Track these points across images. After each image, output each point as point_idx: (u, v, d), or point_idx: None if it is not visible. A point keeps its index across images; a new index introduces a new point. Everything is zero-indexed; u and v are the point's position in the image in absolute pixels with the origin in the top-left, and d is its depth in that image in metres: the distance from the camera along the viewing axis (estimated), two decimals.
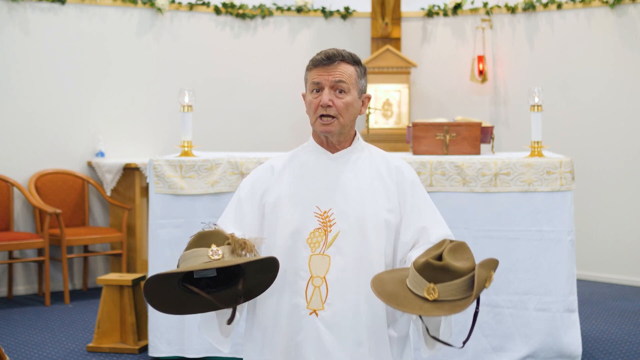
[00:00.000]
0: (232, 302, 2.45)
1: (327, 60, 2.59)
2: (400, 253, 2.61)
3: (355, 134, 2.71)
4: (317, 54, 2.63)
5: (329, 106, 2.58)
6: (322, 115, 2.59)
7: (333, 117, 2.59)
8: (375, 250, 2.57)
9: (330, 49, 2.63)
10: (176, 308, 2.47)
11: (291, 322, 2.55)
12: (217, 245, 2.39)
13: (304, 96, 2.71)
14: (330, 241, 2.56)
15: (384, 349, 2.55)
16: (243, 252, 2.44)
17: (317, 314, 2.53)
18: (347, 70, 2.60)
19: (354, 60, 2.64)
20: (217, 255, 2.37)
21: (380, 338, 2.55)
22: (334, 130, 2.60)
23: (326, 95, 2.58)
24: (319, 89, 2.60)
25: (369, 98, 2.70)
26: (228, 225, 2.65)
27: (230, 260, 2.37)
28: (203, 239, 2.41)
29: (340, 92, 2.59)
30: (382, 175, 2.65)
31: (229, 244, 2.42)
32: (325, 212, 2.59)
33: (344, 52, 2.63)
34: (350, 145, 2.68)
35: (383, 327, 2.55)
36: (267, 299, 2.59)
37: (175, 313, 2.50)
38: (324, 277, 2.54)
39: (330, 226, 2.57)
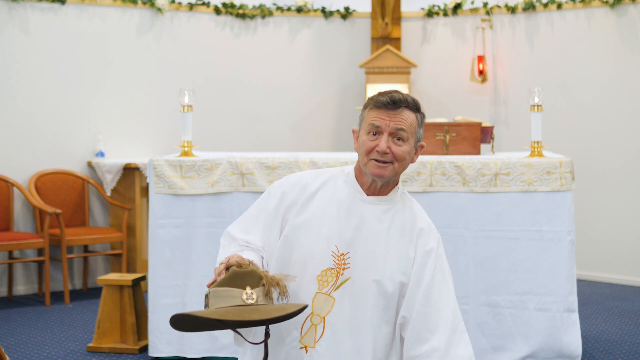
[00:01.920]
0: (261, 341, 2.44)
1: (392, 105, 2.51)
2: (402, 315, 2.56)
3: (398, 183, 2.63)
4: (381, 95, 2.54)
5: (386, 153, 2.50)
6: (376, 159, 2.52)
7: (389, 162, 2.52)
8: (375, 307, 2.52)
9: (395, 93, 2.53)
10: (197, 328, 2.45)
11: (281, 350, 2.54)
12: (252, 287, 2.35)
13: (355, 132, 2.62)
14: (339, 284, 2.52)
15: None
16: (275, 291, 2.40)
17: (307, 350, 2.51)
18: (409, 119, 2.52)
19: (417, 108, 2.55)
20: (251, 300, 2.33)
21: None
22: (387, 175, 2.53)
23: (384, 142, 2.50)
24: (377, 132, 2.52)
25: (422, 147, 2.62)
26: (256, 237, 2.61)
27: (265, 312, 2.32)
28: (238, 279, 2.36)
29: (399, 139, 2.52)
30: (405, 235, 2.58)
31: (263, 284, 2.37)
32: (342, 255, 2.53)
33: (409, 97, 2.54)
34: (388, 193, 2.60)
35: None
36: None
37: (196, 331, 2.48)
38: (324, 318, 2.52)
39: (343, 269, 2.53)
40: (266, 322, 2.31)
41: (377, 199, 2.59)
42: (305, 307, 2.38)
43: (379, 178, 2.53)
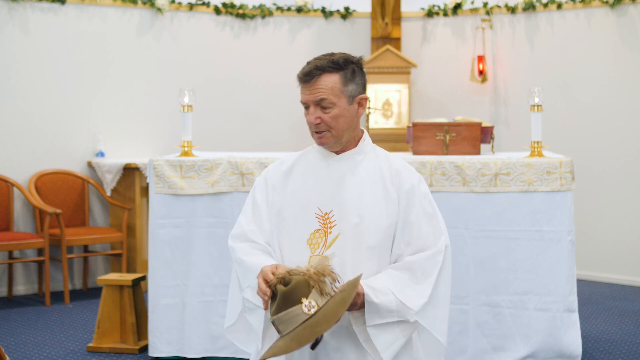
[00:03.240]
0: (313, 345, 2.48)
1: (307, 77, 2.57)
2: (394, 256, 2.62)
3: (362, 134, 2.70)
4: (303, 67, 2.61)
5: (318, 124, 2.58)
6: (315, 131, 2.62)
7: (325, 130, 2.60)
8: (371, 253, 2.57)
9: (310, 63, 2.59)
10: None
11: None
12: (306, 296, 2.36)
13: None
14: (330, 243, 2.57)
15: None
16: (327, 281, 2.41)
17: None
18: (327, 84, 2.56)
19: (338, 66, 2.58)
20: (313, 309, 2.35)
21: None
22: (328, 142, 2.62)
23: (312, 115, 2.59)
24: (306, 106, 2.61)
25: (365, 99, 2.66)
26: (256, 234, 2.66)
27: (332, 314, 2.34)
28: (290, 297, 2.37)
29: (324, 107, 2.58)
30: (384, 179, 2.64)
31: (313, 286, 2.38)
32: (326, 214, 2.60)
33: (324, 62, 2.56)
34: (355, 146, 2.68)
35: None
36: None
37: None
38: None
39: (331, 228, 2.59)
40: (335, 321, 2.36)
41: (347, 154, 2.67)
42: (359, 279, 2.41)
43: (324, 146, 2.64)
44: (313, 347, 2.48)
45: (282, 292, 2.37)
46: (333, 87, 2.57)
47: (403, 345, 2.54)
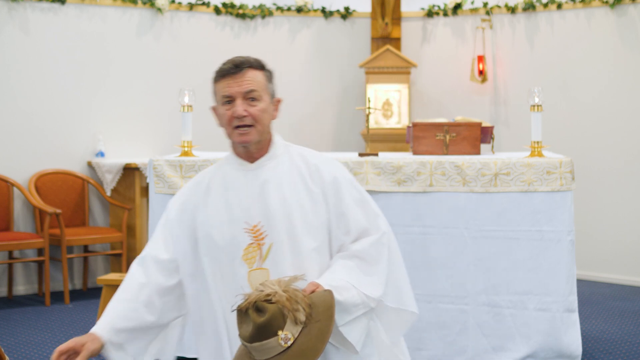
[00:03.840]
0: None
1: (235, 68, 2.55)
2: (336, 248, 2.60)
3: (272, 138, 2.65)
4: (223, 64, 2.58)
5: (244, 116, 2.53)
6: (238, 126, 2.55)
7: (250, 125, 2.54)
8: (309, 255, 2.54)
9: (236, 57, 2.57)
10: None
11: (236, 344, 2.51)
12: (281, 328, 2.32)
13: (213, 109, 2.66)
14: (265, 254, 2.54)
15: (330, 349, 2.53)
16: (301, 309, 2.36)
17: None
18: (256, 77, 2.56)
19: (262, 66, 2.59)
20: (289, 341, 2.31)
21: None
22: (252, 139, 2.56)
23: (240, 106, 2.53)
24: (230, 100, 2.56)
25: (279, 101, 2.66)
26: (160, 250, 2.63)
27: (311, 350, 2.31)
28: (264, 330, 2.32)
29: (253, 99, 2.55)
30: (304, 178, 2.60)
31: (286, 315, 2.33)
32: (255, 226, 2.55)
33: (251, 58, 2.58)
34: (267, 151, 2.63)
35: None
36: (210, 324, 2.58)
37: None
38: None
39: (263, 239, 2.54)
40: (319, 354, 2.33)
41: (261, 161, 2.62)
42: (333, 307, 2.37)
43: (247, 144, 2.57)
44: None
45: (257, 324, 2.32)
46: (260, 82, 2.57)
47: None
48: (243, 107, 2.54)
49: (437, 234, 4.40)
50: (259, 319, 2.31)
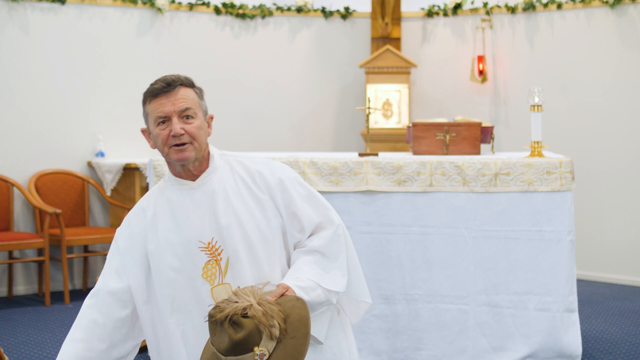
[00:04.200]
0: None
1: (167, 87, 2.53)
2: (292, 247, 2.62)
3: (209, 152, 2.63)
4: (153, 84, 2.56)
5: (182, 134, 2.51)
6: (174, 145, 2.53)
7: (187, 143, 2.53)
8: (268, 262, 2.54)
9: (166, 76, 2.56)
10: None
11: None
12: (257, 345, 2.31)
13: (144, 132, 2.63)
14: (225, 269, 2.53)
15: None
16: (275, 324, 2.35)
17: None
18: (189, 95, 2.56)
19: (192, 83, 2.59)
20: (264, 357, 2.30)
21: None
22: (190, 156, 2.54)
23: (176, 125, 2.51)
24: (165, 120, 2.53)
25: (212, 117, 2.66)
26: (113, 281, 2.60)
27: None
28: (241, 346, 2.31)
29: (188, 118, 2.53)
30: (248, 186, 2.60)
31: (262, 332, 2.32)
32: (209, 243, 2.54)
33: (181, 76, 2.57)
34: (208, 166, 2.61)
35: None
36: (166, 348, 2.57)
37: None
38: None
39: (219, 254, 2.53)
40: None
41: (202, 177, 2.60)
42: (309, 324, 2.36)
43: (185, 161, 2.55)
44: None
45: (234, 340, 2.30)
46: (193, 99, 2.57)
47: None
48: (180, 126, 2.52)
49: (437, 234, 4.40)
50: (236, 335, 2.30)
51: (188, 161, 2.55)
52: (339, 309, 2.70)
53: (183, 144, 2.52)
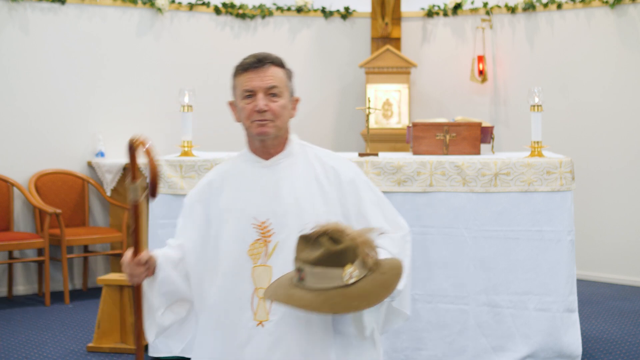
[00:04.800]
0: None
1: (258, 63, 2.56)
2: None
3: (288, 137, 2.67)
4: (245, 58, 2.60)
5: (265, 111, 2.54)
6: (258, 120, 2.56)
7: (269, 120, 2.55)
8: None
9: (258, 53, 2.60)
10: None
11: (240, 332, 2.52)
12: (351, 264, 2.28)
13: (231, 104, 2.68)
14: (271, 252, 2.54)
15: (329, 355, 2.49)
16: (372, 255, 2.35)
17: (263, 325, 2.50)
18: (278, 74, 2.58)
19: (282, 63, 2.61)
20: (352, 280, 2.28)
21: (325, 344, 2.49)
22: (270, 132, 2.57)
23: (261, 101, 2.54)
24: (251, 94, 2.57)
25: (297, 100, 2.68)
26: (182, 237, 2.67)
27: (373, 295, 2.29)
28: (334, 260, 2.27)
29: (274, 95, 2.56)
30: (319, 179, 2.61)
31: (359, 255, 2.30)
32: (263, 223, 2.56)
33: (273, 55, 2.60)
34: (283, 149, 2.64)
35: (329, 332, 2.49)
36: (214, 313, 2.58)
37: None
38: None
39: (270, 236, 2.55)
40: (374, 305, 2.31)
41: (276, 158, 2.63)
42: (401, 267, 2.37)
43: (264, 136, 2.57)
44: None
45: (329, 250, 2.27)
46: (281, 78, 2.59)
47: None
48: (264, 102, 2.55)
49: (437, 234, 4.40)
50: (333, 246, 2.28)
51: (267, 136, 2.58)
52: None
53: (265, 120, 2.56)
